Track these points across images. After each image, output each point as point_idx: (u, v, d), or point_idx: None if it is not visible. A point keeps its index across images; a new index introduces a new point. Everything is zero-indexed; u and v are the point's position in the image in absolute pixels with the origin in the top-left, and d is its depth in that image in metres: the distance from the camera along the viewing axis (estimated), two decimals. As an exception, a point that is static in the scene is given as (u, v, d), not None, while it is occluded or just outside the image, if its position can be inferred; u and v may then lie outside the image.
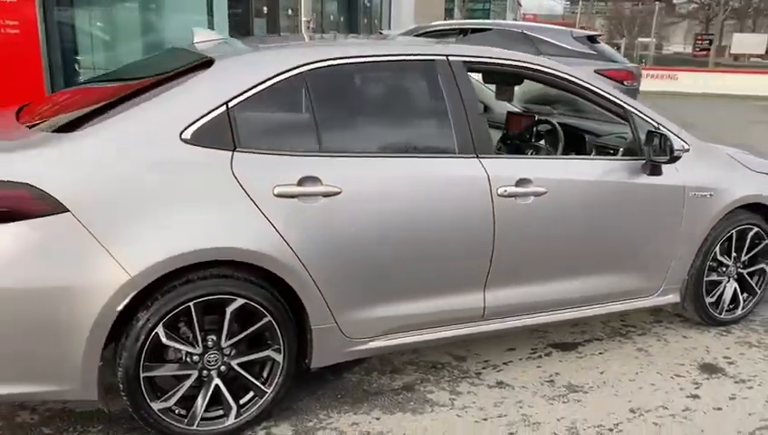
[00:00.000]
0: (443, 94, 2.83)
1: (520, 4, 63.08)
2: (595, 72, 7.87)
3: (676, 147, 3.13)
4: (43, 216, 2.15)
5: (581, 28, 17.60)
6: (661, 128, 3.22)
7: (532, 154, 3.68)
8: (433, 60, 2.86)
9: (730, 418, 2.80)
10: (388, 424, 2.67)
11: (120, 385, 2.32)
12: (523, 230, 2.89)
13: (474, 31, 8.56)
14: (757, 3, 49.56)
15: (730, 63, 35.94)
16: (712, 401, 2.91)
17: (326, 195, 2.50)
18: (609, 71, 8.11)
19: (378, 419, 2.71)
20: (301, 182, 2.47)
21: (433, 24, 9.62)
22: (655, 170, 3.16)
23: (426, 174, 2.73)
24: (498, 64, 3.07)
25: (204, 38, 3.14)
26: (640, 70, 9.72)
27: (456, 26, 8.95)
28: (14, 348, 2.20)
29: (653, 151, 3.09)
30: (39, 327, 2.19)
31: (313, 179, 2.49)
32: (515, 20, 35.90)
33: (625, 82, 8.20)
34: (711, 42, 36.58)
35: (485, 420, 2.73)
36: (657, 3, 38.48)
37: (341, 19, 14.05)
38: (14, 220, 2.13)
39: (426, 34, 8.76)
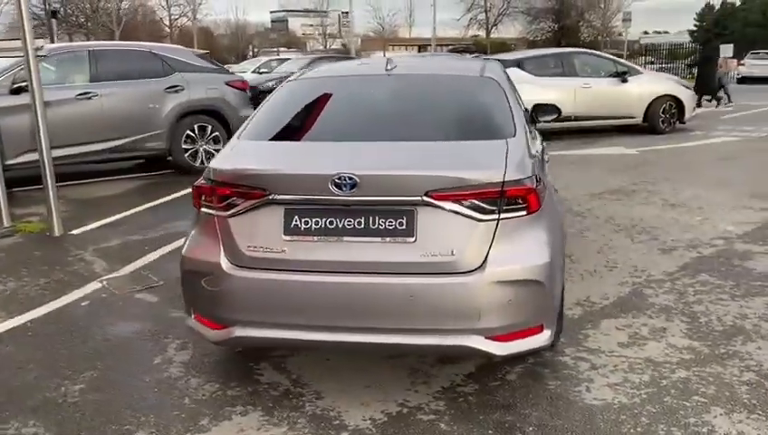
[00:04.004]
0: None
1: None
2: (226, 83, 9.16)
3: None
4: None
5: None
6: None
7: None
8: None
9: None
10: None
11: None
12: None
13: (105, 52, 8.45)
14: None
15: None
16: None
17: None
18: (235, 81, 9.45)
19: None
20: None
21: (70, 44, 8.78)
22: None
23: None
24: None
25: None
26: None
27: (90, 48, 8.48)
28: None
29: None
30: None
31: None
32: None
33: (247, 91, 9.69)
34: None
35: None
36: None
37: None
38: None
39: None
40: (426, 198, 2.63)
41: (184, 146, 8.71)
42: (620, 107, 11.41)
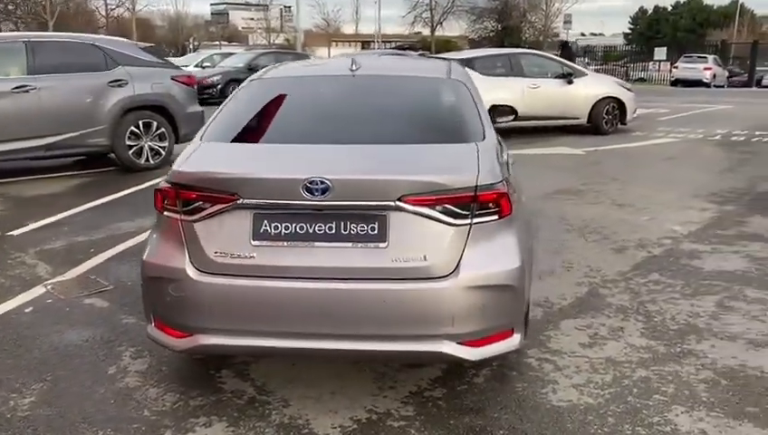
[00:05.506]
0: None
1: None
2: (172, 78, 8.89)
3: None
4: None
5: None
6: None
7: None
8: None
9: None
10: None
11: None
12: None
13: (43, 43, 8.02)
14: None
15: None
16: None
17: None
18: (181, 76, 9.17)
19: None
20: None
21: (6, 35, 8.26)
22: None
23: None
24: None
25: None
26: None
27: (27, 39, 8.00)
28: None
29: None
30: None
31: None
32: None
33: (194, 86, 9.43)
34: None
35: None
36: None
37: None
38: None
39: None
40: (399, 203, 2.59)
41: (128, 142, 8.40)
42: (566, 107, 11.64)
